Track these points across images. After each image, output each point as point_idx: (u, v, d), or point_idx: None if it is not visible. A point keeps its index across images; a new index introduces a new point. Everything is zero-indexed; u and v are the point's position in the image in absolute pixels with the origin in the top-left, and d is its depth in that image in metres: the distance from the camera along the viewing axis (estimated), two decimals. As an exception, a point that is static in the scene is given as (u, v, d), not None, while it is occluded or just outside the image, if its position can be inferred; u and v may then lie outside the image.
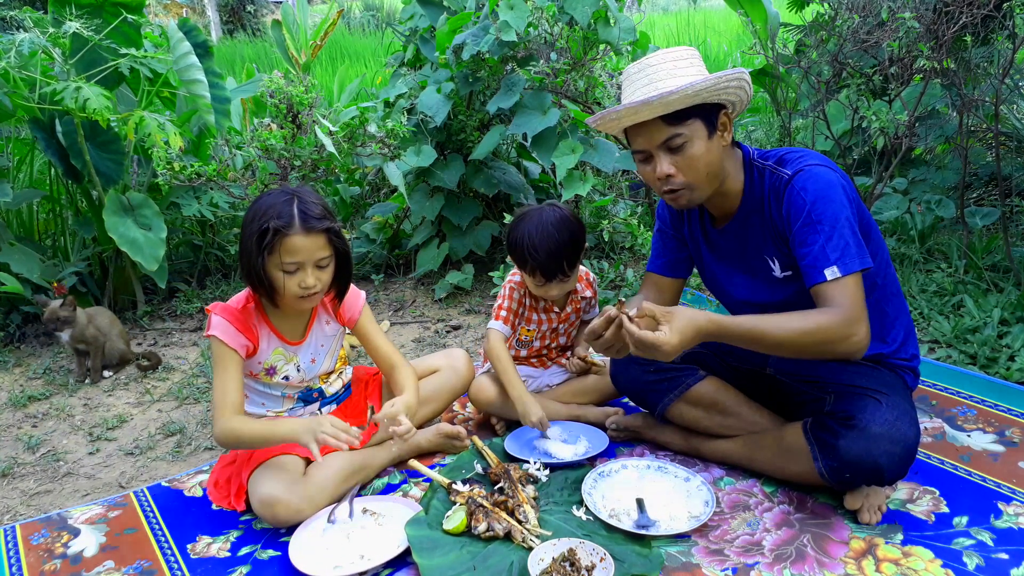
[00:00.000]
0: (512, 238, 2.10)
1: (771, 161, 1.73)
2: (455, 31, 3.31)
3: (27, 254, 3.17)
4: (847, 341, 1.55)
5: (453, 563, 1.59)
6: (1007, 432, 2.01)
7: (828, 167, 1.65)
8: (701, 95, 1.59)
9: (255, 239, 1.74)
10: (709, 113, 1.64)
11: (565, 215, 2.08)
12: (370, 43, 11.01)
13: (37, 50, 2.86)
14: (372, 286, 3.75)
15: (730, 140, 1.71)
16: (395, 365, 2.05)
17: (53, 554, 1.78)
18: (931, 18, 2.81)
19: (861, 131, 3.60)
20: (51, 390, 2.80)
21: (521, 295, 2.22)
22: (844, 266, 1.56)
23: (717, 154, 1.67)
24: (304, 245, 1.76)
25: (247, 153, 3.24)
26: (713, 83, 1.58)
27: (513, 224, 2.14)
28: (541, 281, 2.09)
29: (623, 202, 3.98)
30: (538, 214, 2.08)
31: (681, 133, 1.61)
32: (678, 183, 1.66)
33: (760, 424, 1.89)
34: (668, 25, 9.80)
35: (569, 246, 2.05)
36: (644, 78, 1.63)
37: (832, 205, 1.59)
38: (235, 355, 1.84)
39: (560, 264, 2.05)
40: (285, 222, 1.74)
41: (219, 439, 1.81)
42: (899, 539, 1.62)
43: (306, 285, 1.79)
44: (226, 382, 1.83)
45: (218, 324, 1.84)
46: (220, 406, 1.81)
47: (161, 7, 13.20)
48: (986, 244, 3.13)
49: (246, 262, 1.80)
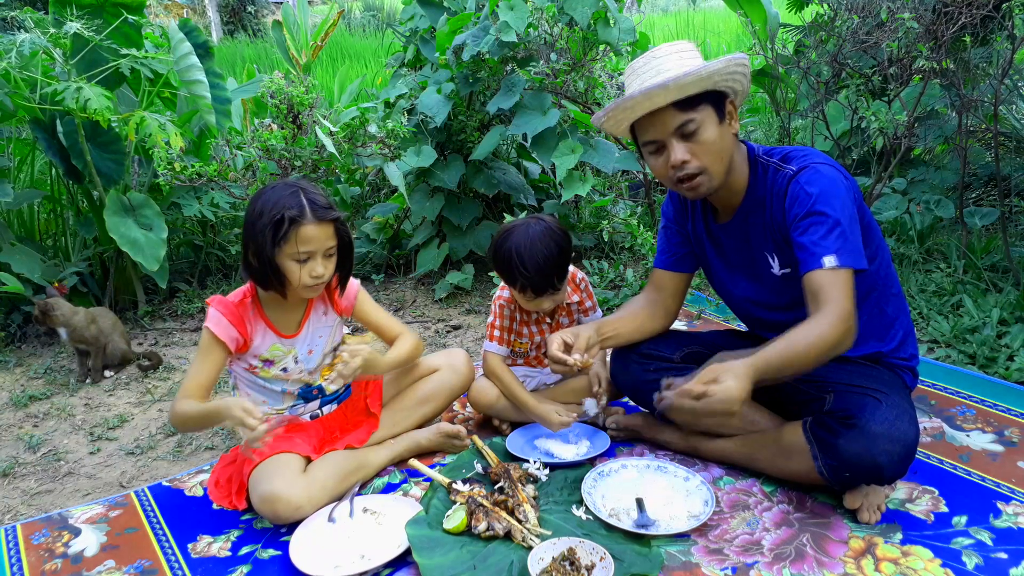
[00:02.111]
0: (498, 255, 2.03)
1: (776, 158, 1.73)
2: (455, 32, 3.31)
3: (28, 254, 3.17)
4: (845, 343, 1.55)
5: (453, 562, 1.60)
6: (1006, 432, 2.02)
7: (833, 166, 1.66)
8: (713, 78, 1.61)
9: (270, 230, 1.76)
10: (717, 100, 1.65)
11: (550, 227, 2.02)
12: (370, 44, 11.02)
13: (38, 50, 2.86)
14: (372, 286, 3.75)
15: (737, 129, 1.72)
16: (399, 335, 2.12)
17: (54, 553, 1.78)
18: (930, 18, 2.81)
19: (860, 131, 3.61)
20: (52, 390, 2.80)
21: (511, 311, 2.19)
22: (843, 258, 1.55)
23: (728, 141, 1.69)
24: (316, 234, 1.79)
25: (248, 153, 3.24)
26: (724, 65, 1.61)
27: (498, 241, 2.04)
28: (532, 297, 2.05)
29: (623, 202, 3.98)
30: (523, 229, 2.01)
31: (694, 118, 1.62)
32: (694, 168, 1.65)
33: (760, 423, 1.90)
34: (667, 26, 9.80)
35: (557, 259, 1.99)
36: (651, 70, 1.64)
37: (836, 201, 1.60)
38: (220, 347, 1.87)
39: (550, 279, 2.00)
40: (298, 212, 1.77)
41: (171, 421, 1.86)
42: (898, 538, 1.63)
43: (316, 274, 1.82)
44: (198, 369, 1.86)
45: (212, 316, 1.87)
46: (182, 389, 1.85)
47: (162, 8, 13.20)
48: (985, 244, 3.13)
49: (256, 255, 1.81)
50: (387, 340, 2.14)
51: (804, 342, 1.53)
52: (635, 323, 2.00)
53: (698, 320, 3.00)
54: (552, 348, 1.81)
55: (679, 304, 2.04)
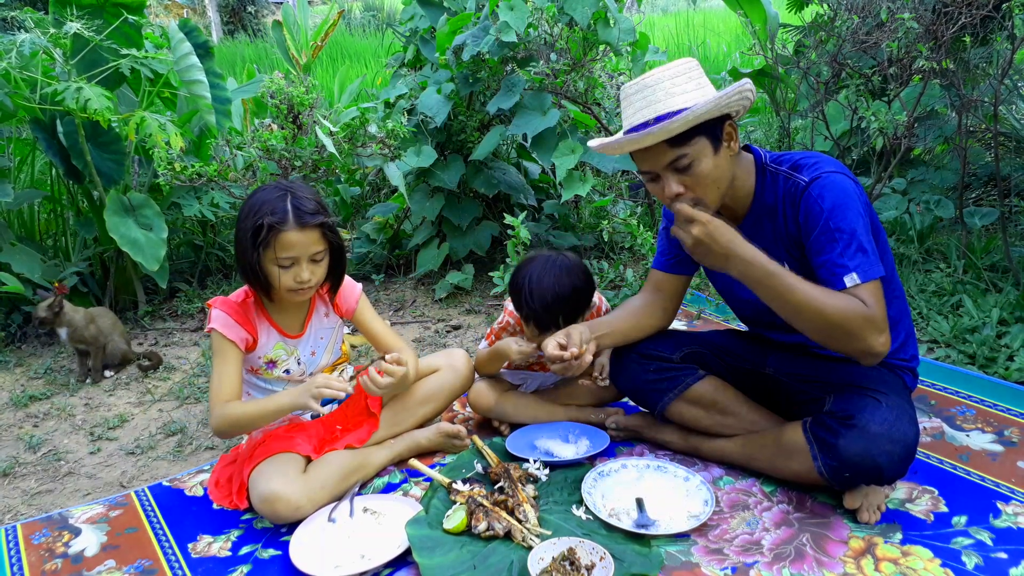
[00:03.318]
0: (513, 281, 2.05)
1: (785, 166, 1.72)
2: (455, 32, 3.31)
3: (28, 254, 3.17)
4: (865, 341, 1.54)
5: (453, 562, 1.60)
6: (1006, 432, 2.02)
7: (843, 174, 1.64)
8: (702, 118, 1.56)
9: (250, 235, 1.76)
10: (713, 127, 1.61)
11: (572, 266, 2.00)
12: (370, 44, 11.01)
13: (38, 51, 2.86)
14: (372, 286, 3.75)
15: (737, 148, 1.69)
16: (398, 351, 2.07)
17: (54, 553, 1.79)
18: (930, 19, 2.81)
19: (860, 131, 3.61)
20: (52, 390, 2.81)
21: (512, 331, 2.19)
22: (863, 273, 1.56)
23: (725, 167, 1.65)
24: (298, 240, 1.77)
25: (248, 153, 3.24)
26: (714, 105, 1.56)
27: (518, 266, 2.07)
28: (535, 332, 2.04)
29: (623, 202, 3.98)
30: (542, 261, 2.01)
31: (686, 153, 1.59)
32: (688, 199, 1.63)
33: (759, 423, 1.90)
34: (667, 26, 9.80)
35: (569, 302, 1.98)
36: (641, 100, 1.61)
37: (849, 213, 1.59)
38: (234, 347, 1.86)
39: (555, 319, 1.98)
40: (279, 218, 1.75)
41: (215, 428, 1.83)
42: (898, 538, 1.63)
43: (301, 280, 1.80)
44: (223, 373, 1.85)
45: (218, 317, 1.86)
46: (215, 395, 1.83)
47: (162, 8, 13.21)
48: (985, 244, 3.13)
49: (242, 258, 1.81)
50: (380, 350, 2.12)
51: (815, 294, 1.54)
52: (632, 321, 1.99)
53: (698, 320, 3.00)
54: (548, 350, 1.81)
55: (678, 305, 2.04)
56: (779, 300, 1.57)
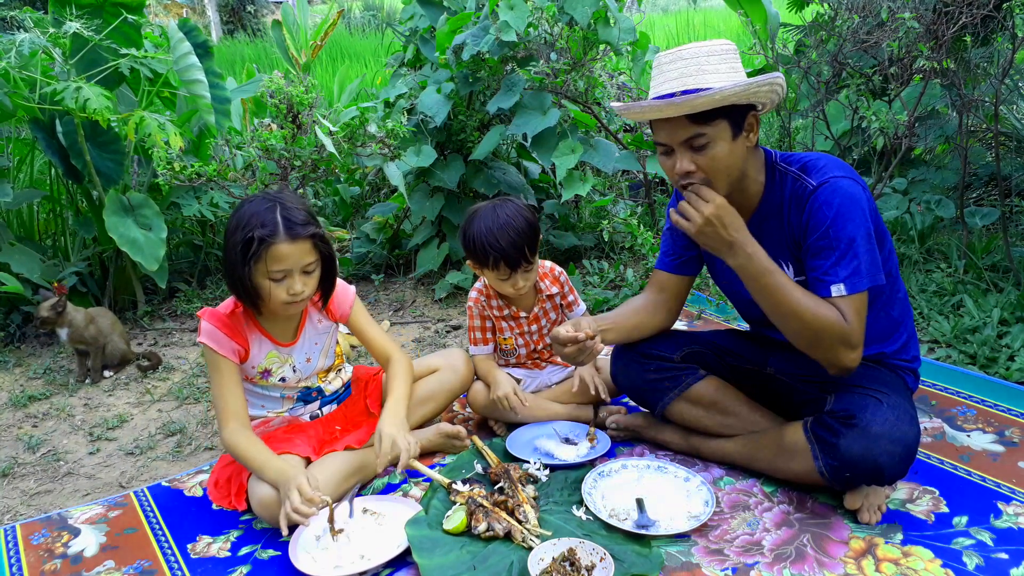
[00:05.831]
0: (469, 235, 2.08)
1: (795, 167, 1.71)
2: (455, 31, 3.31)
3: (27, 254, 3.17)
4: (835, 353, 1.59)
5: (453, 563, 1.60)
6: (1007, 432, 2.01)
7: (851, 179, 1.64)
8: (729, 100, 1.55)
9: (240, 249, 1.72)
10: (737, 113, 1.60)
11: (518, 205, 2.10)
12: (370, 43, 11.01)
13: (37, 50, 2.86)
14: (372, 286, 3.75)
15: (755, 141, 1.68)
16: (390, 357, 2.07)
17: (53, 554, 1.78)
18: (931, 18, 2.81)
19: (861, 131, 3.60)
20: (51, 390, 2.80)
21: (480, 310, 2.24)
22: (851, 285, 1.58)
23: (740, 156, 1.64)
24: (290, 252, 1.74)
25: (247, 153, 3.24)
26: (743, 90, 1.54)
27: (467, 222, 2.11)
28: (506, 273, 2.06)
29: (623, 202, 3.98)
30: (491, 208, 2.08)
31: (704, 133, 1.58)
32: (698, 179, 1.63)
33: (760, 423, 1.89)
34: (668, 25, 9.79)
35: (527, 231, 2.04)
36: (674, 71, 1.60)
37: (852, 222, 1.59)
38: (228, 361, 1.85)
39: (522, 251, 2.03)
40: (270, 231, 1.72)
41: (224, 444, 1.85)
42: (899, 539, 1.63)
43: (294, 292, 1.78)
44: (223, 389, 1.84)
45: (207, 331, 1.84)
46: (222, 414, 1.83)
47: (161, 7, 13.21)
48: (986, 244, 3.13)
49: (231, 272, 1.78)
50: (374, 355, 2.11)
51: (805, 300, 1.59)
52: (635, 319, 1.98)
53: (698, 320, 2.99)
54: (562, 333, 1.76)
55: (681, 305, 2.03)
56: (770, 299, 1.62)
